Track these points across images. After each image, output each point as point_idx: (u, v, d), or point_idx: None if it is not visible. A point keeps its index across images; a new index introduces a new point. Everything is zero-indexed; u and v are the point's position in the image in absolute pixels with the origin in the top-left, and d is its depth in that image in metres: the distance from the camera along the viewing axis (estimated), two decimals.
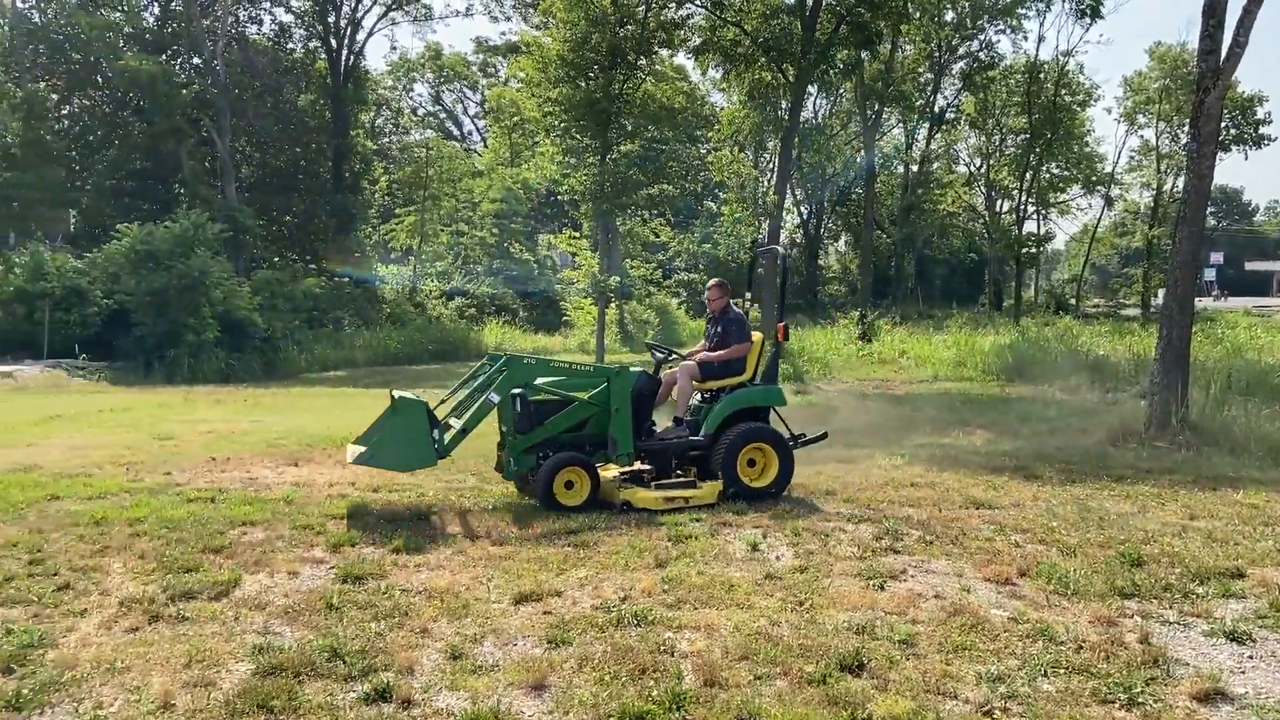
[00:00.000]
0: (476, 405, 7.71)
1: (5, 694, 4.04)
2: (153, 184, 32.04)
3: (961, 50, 44.82)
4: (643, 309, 37.40)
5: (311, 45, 37.46)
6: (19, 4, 30.44)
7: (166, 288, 22.47)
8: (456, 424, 7.74)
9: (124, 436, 11.74)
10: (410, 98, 55.93)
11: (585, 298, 29.30)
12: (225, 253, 25.86)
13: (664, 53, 25.63)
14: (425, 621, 5.06)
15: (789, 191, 52.48)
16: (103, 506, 7.60)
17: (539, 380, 7.93)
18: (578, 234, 24.61)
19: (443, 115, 60.25)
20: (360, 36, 37.66)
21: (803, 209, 54.81)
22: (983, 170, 51.55)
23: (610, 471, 8.13)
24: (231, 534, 6.83)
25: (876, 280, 47.22)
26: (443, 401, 8.29)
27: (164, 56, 31.72)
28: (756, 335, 8.55)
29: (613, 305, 34.43)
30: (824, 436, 9.01)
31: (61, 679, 4.24)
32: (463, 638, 4.84)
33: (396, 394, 7.78)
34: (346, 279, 31.50)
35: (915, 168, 49.31)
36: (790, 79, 24.39)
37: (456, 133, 59.90)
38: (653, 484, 7.87)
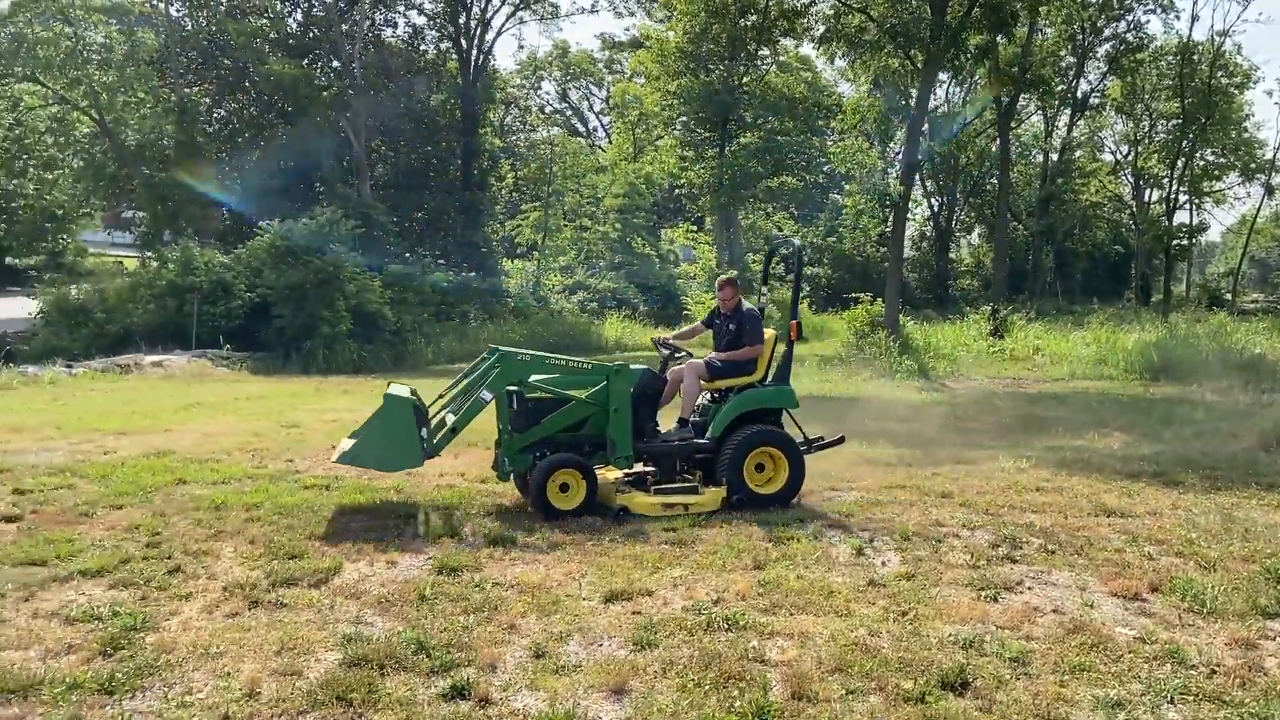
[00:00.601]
0: (469, 403, 7.40)
1: (100, 677, 4.16)
2: (295, 183, 33.44)
3: (1107, 32, 42.50)
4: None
5: (443, 46, 38.45)
6: (174, 13, 32.24)
7: (303, 282, 23.40)
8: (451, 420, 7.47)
9: (254, 424, 12.21)
10: (538, 95, 56.90)
11: (706, 292, 29.11)
12: (359, 248, 26.75)
13: (788, 42, 25.19)
14: (514, 617, 5.01)
15: (919, 182, 51.05)
16: (224, 492, 7.88)
17: (534, 377, 7.53)
18: (695, 228, 24.42)
19: (569, 112, 61.03)
20: (489, 36, 38.43)
21: (933, 201, 53.16)
22: (1130, 158, 48.84)
23: (614, 474, 7.76)
24: (339, 521, 6.97)
25: (1012, 274, 45.33)
26: (440, 396, 7.99)
27: (305, 60, 33.08)
28: (770, 333, 8.12)
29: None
30: (841, 440, 8.49)
31: (157, 663, 4.35)
32: (549, 635, 4.77)
33: (392, 390, 7.47)
34: (474, 274, 32.17)
35: (1055, 156, 47.10)
36: (918, 65, 23.58)
37: (582, 129, 60.57)
38: (652, 488, 7.46)
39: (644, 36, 27.89)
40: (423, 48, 37.82)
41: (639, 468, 7.76)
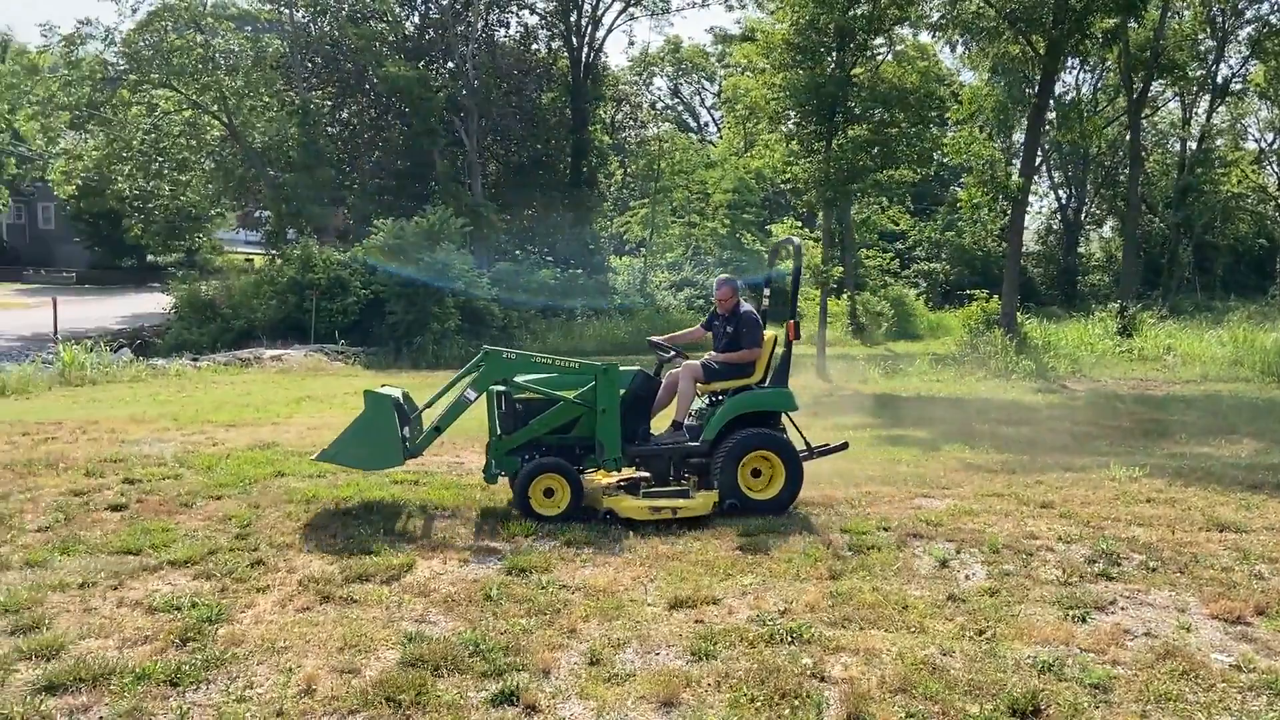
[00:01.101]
0: (452, 402, 7.34)
1: (169, 668, 4.28)
2: (409, 182, 34.39)
3: (1249, 13, 39.90)
4: (876, 300, 36.11)
5: (554, 45, 38.85)
6: (298, 18, 33.49)
7: (415, 279, 24.03)
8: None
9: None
10: (649, 91, 56.98)
11: (816, 288, 28.61)
12: (468, 246, 27.31)
13: (903, 30, 24.50)
14: (575, 620, 4.96)
15: (1045, 173, 49.01)
16: (317, 485, 8.07)
17: (521, 377, 7.31)
18: (799, 223, 24.01)
19: (680, 108, 60.94)
20: (600, 34, 38.66)
21: (1061, 193, 51.00)
22: (1275, 146, 45.78)
23: (610, 478, 7.54)
24: (421, 517, 7.06)
25: (1147, 269, 43.11)
26: (437, 396, 7.82)
27: (421, 63, 33.91)
28: (770, 335, 7.82)
29: (843, 296, 33.48)
30: (844, 446, 8.13)
31: (224, 656, 4.46)
32: (607, 641, 4.69)
33: (388, 390, 7.43)
34: (580, 271, 32.45)
35: (1194, 145, 44.52)
36: (1040, 52, 22.58)
37: (693, 124, 60.41)
38: (641, 491, 7.22)
39: (750, 30, 27.60)
40: (534, 47, 38.31)
41: (629, 472, 7.56)
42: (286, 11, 32.75)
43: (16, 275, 47.10)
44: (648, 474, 7.51)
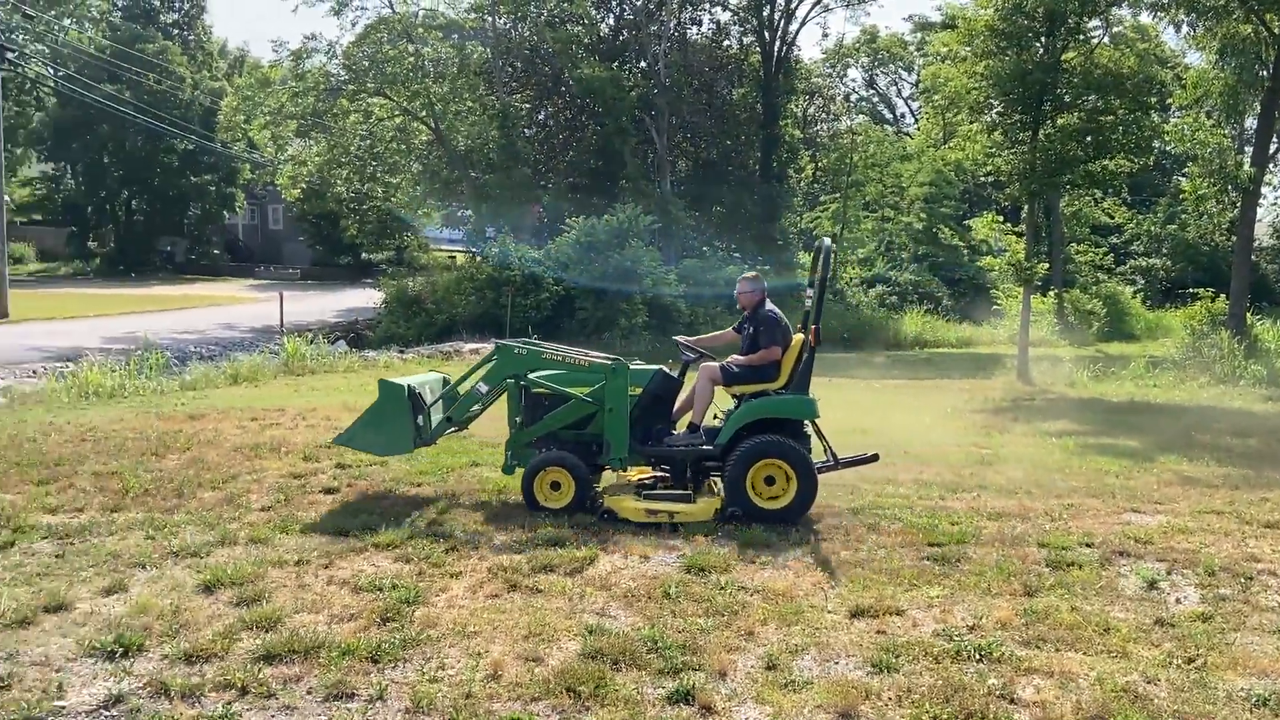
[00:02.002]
0: (466, 394, 7.49)
1: (371, 645, 4.56)
2: (601, 181, 35.14)
3: None
4: (1087, 298, 33.98)
5: (745, 40, 38.70)
6: (500, 25, 34.87)
7: (604, 275, 24.57)
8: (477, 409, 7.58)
9: None
10: (843, 84, 55.82)
11: (1019, 285, 27.22)
12: (656, 242, 27.65)
13: (1120, 10, 22.90)
14: (753, 623, 4.93)
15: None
16: (508, 477, 8.37)
17: (533, 373, 7.36)
18: (1001, 218, 22.85)
19: (875, 99, 59.39)
20: (793, 27, 38.19)
21: None
22: None
23: (635, 476, 7.53)
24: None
25: None
26: (455, 384, 8.01)
27: (615, 64, 34.60)
28: (798, 338, 7.36)
29: (1050, 293, 31.70)
30: (874, 458, 7.60)
31: (420, 637, 4.71)
32: (785, 647, 4.65)
33: (401, 380, 7.57)
34: (769, 267, 32.17)
35: None
36: (1274, 31, 20.57)
37: (889, 116, 58.75)
38: (642, 494, 7.10)
39: (951, 16, 26.53)
40: (726, 43, 38.29)
41: (649, 472, 7.53)
42: (490, 19, 34.14)
43: (250, 272, 51.56)
44: (665, 474, 7.42)
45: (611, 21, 37.60)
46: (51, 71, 47.13)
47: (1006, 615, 5.03)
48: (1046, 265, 23.99)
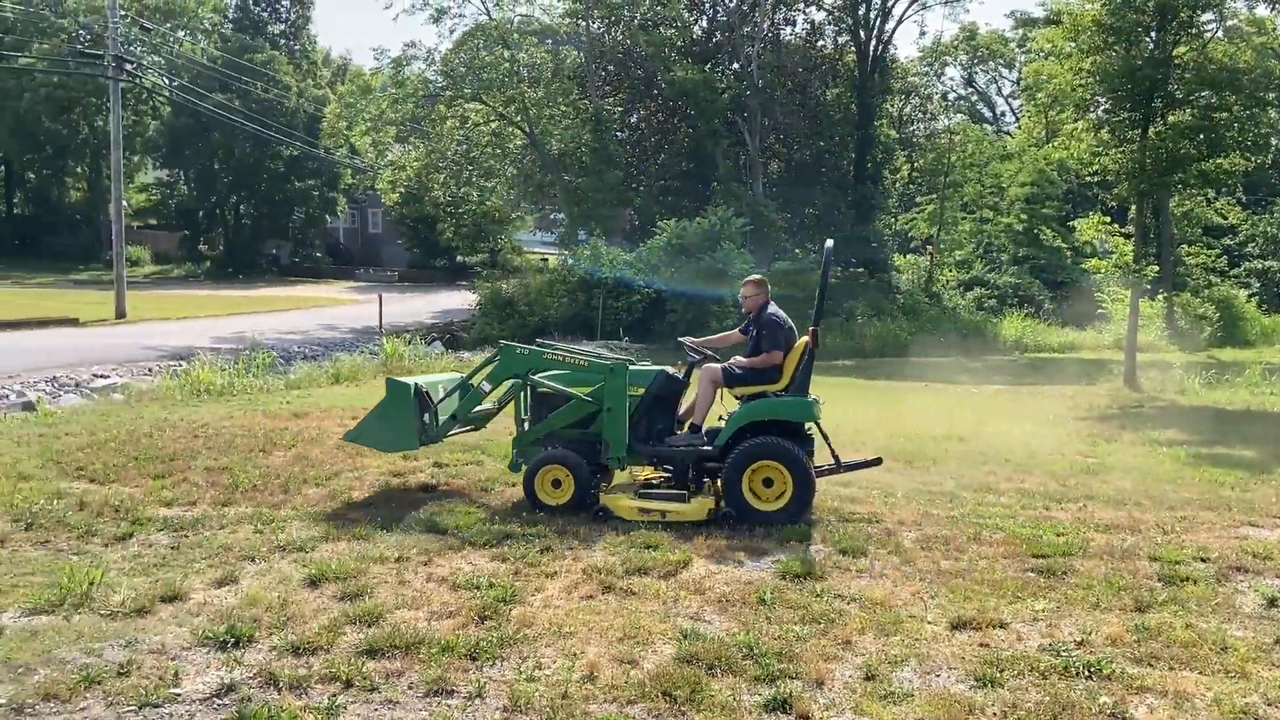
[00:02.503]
0: (470, 393, 7.67)
1: (469, 642, 4.63)
2: (693, 183, 35.16)
3: None
4: (1199, 302, 32.58)
5: (840, 40, 38.24)
6: (594, 29, 35.17)
7: (695, 277, 24.54)
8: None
9: None
10: (940, 82, 54.67)
11: (1126, 288, 26.24)
12: (748, 245, 27.50)
13: (1236, 3, 21.93)
14: (850, 633, 4.85)
15: None
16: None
17: (535, 374, 7.51)
18: (1108, 219, 21.98)
19: (974, 98, 58.03)
20: (889, 26, 37.58)
21: None
22: None
23: (647, 476, 7.60)
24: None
25: None
26: (462, 383, 8.00)
27: (707, 65, 34.56)
28: (803, 340, 7.29)
29: (1159, 297, 30.47)
30: (877, 462, 7.69)
31: (516, 635, 4.76)
32: (883, 657, 4.56)
33: (408, 379, 7.74)
34: (862, 269, 31.75)
35: None
36: None
37: (988, 115, 57.33)
38: (638, 492, 7.18)
39: (1056, 11, 25.74)
40: (820, 43, 37.89)
41: (651, 473, 7.60)
42: (583, 24, 34.48)
43: (350, 274, 53.03)
44: (669, 474, 7.44)
45: (704, 24, 37.58)
46: (167, 82, 49.25)
47: (1117, 631, 4.84)
48: (1156, 268, 23.04)
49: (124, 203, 31.39)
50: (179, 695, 4.09)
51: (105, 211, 42.52)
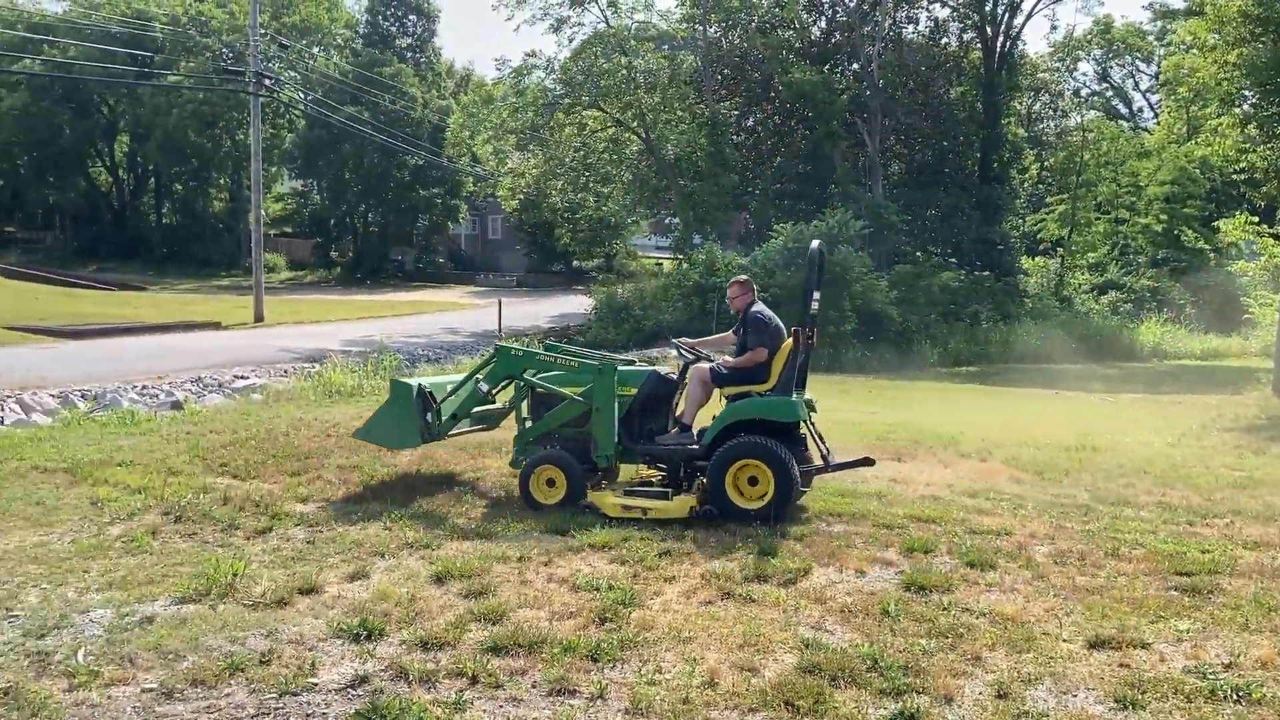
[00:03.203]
0: (469, 393, 7.88)
1: (590, 644, 4.67)
2: (810, 186, 34.73)
3: None
4: None
5: (965, 37, 37.23)
6: (711, 33, 35.16)
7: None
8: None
9: None
10: (1072, 78, 52.59)
11: (1276, 292, 24.73)
12: (867, 248, 27.02)
13: None
14: (980, 648, 4.70)
15: None
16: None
17: (528, 373, 7.76)
18: (1255, 218, 20.70)
19: (1109, 93, 55.60)
20: (1018, 21, 36.37)
21: None
22: None
23: (647, 474, 7.83)
24: (817, 523, 7.09)
25: None
26: (462, 383, 8.13)
27: (826, 67, 34.12)
28: (789, 342, 7.27)
29: None
30: (869, 462, 7.71)
31: (636, 639, 4.78)
32: (1016, 675, 4.40)
33: (411, 380, 8.10)
34: (987, 273, 30.78)
35: None
36: None
37: (1124, 111, 54.85)
38: (623, 489, 7.40)
39: (1199, 2, 24.43)
40: (944, 41, 36.97)
41: (650, 472, 7.80)
42: (700, 28, 34.51)
43: (471, 279, 54.39)
44: (662, 473, 7.64)
45: (823, 24, 37.14)
46: (302, 96, 51.52)
47: (1268, 654, 4.55)
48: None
49: (262, 212, 32.96)
50: (316, 684, 4.25)
51: (245, 220, 44.82)
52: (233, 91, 41.94)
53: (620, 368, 7.70)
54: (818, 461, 7.56)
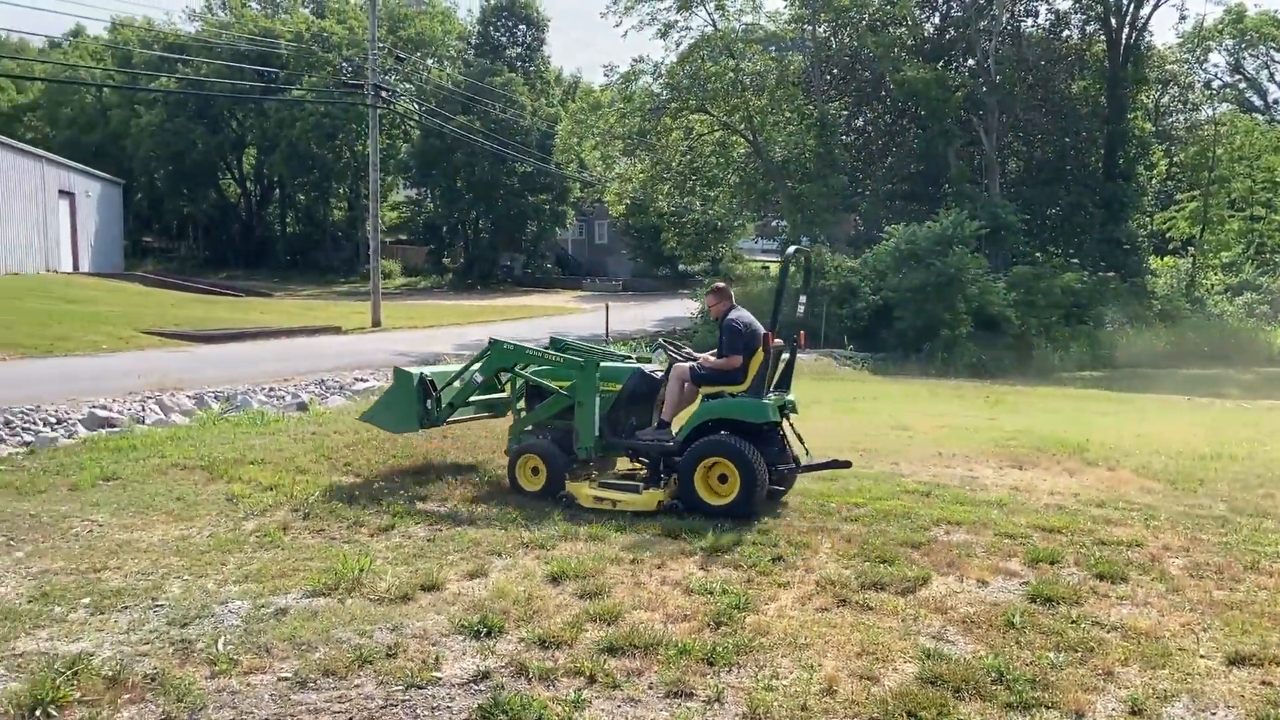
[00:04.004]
0: (466, 383, 8.29)
1: (705, 647, 4.66)
2: (922, 186, 34.03)
3: None
4: None
5: (1088, 29, 35.92)
6: (820, 33, 34.80)
7: (925, 284, 23.71)
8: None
9: (866, 423, 12.68)
10: (1203, 70, 50.10)
11: None
12: (984, 249, 26.30)
13: None
14: (1112, 663, 4.52)
15: None
16: (830, 488, 8.31)
17: (517, 367, 8.23)
18: None
19: (1242, 85, 52.73)
20: (1144, 11, 34.90)
21: None
22: None
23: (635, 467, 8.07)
24: (935, 531, 6.93)
25: None
26: (458, 374, 8.50)
27: (939, 63, 33.38)
28: (777, 342, 7.59)
29: None
30: (846, 464, 8.01)
31: (752, 643, 4.75)
32: (1151, 691, 4.22)
33: (413, 369, 8.48)
34: (1112, 274, 29.58)
35: None
36: None
37: (1259, 103, 51.94)
38: (598, 481, 7.70)
39: None
40: (1065, 33, 35.76)
41: (630, 465, 8.14)
42: (809, 28, 34.19)
43: (577, 284, 55.08)
44: (643, 467, 7.94)
45: (936, 20, 36.38)
46: (417, 106, 53.06)
47: None
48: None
49: (379, 220, 34.06)
50: (440, 678, 4.37)
51: (363, 228, 46.41)
52: (352, 104, 43.45)
53: (604, 364, 8.01)
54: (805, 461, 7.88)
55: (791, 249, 8.13)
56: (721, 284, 8.45)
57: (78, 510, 7.24)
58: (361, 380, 16.68)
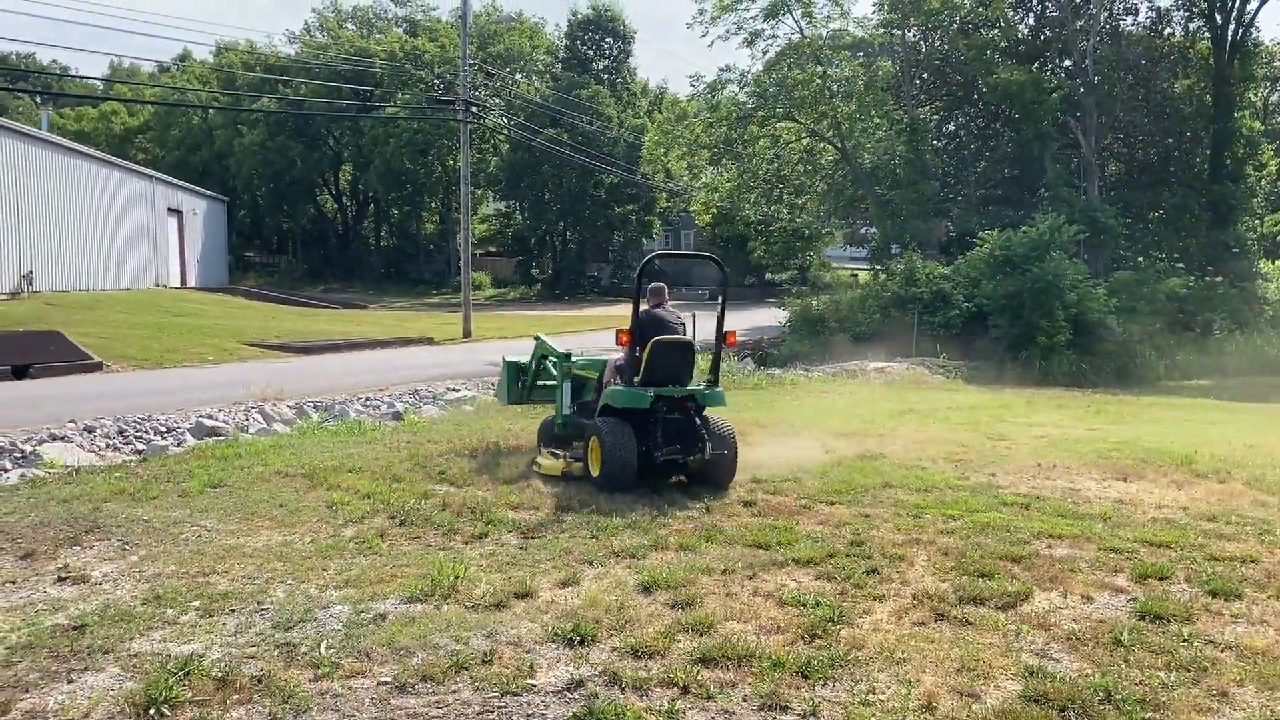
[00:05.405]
0: (529, 373, 10.74)
1: (799, 660, 4.61)
2: (1017, 191, 33.19)
3: None
4: None
5: (1192, 26, 34.63)
6: (910, 37, 34.26)
7: (1021, 291, 23.10)
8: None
9: (961, 434, 12.40)
10: None
11: None
12: (1082, 254, 25.51)
13: None
14: (1226, 683, 4.33)
15: None
16: (925, 500, 8.16)
17: (545, 359, 10.39)
18: None
19: None
20: (1251, 6, 33.49)
21: None
22: None
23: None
24: (1035, 545, 6.74)
25: None
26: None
27: (1034, 65, 32.56)
28: (666, 338, 8.73)
29: None
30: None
31: (847, 657, 4.68)
32: (1270, 714, 4.03)
33: (514, 358, 11.01)
34: (1220, 279, 28.37)
35: None
36: None
37: None
38: (549, 452, 9.35)
39: None
40: (1167, 31, 34.53)
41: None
42: (899, 33, 33.71)
43: None
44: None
45: (1031, 21, 35.53)
46: (506, 121, 54.01)
47: None
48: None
49: (470, 233, 34.69)
50: (534, 686, 4.41)
51: (454, 241, 47.39)
52: (444, 120, 44.44)
53: (575, 358, 9.86)
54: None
55: (650, 257, 9.60)
56: (659, 285, 9.67)
57: (187, 516, 7.53)
58: (454, 390, 17.00)
